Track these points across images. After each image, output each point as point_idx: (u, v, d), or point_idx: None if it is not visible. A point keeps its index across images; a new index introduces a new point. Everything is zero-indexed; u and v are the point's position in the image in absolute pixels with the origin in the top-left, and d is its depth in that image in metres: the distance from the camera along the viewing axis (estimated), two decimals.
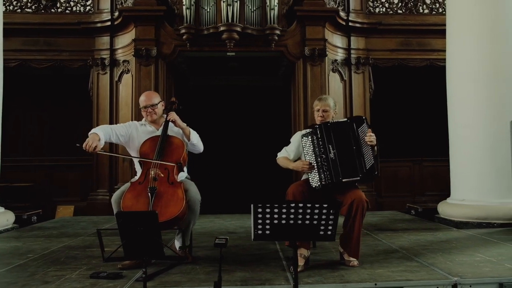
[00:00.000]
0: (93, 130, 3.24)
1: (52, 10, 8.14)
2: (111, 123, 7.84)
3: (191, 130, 3.49)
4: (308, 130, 3.38)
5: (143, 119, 3.58)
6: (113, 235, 4.42)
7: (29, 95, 9.25)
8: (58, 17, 8.05)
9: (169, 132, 3.39)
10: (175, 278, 2.79)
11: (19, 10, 8.10)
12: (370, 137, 3.22)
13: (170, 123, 3.43)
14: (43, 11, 8.09)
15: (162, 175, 3.15)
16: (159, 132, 3.43)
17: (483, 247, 3.85)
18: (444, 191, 5.98)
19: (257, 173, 9.54)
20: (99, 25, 7.89)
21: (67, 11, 8.16)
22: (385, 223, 5.62)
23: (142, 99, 3.49)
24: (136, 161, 3.44)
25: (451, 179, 5.70)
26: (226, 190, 8.87)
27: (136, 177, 3.38)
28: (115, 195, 3.20)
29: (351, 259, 3.17)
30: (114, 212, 3.13)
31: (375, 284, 2.69)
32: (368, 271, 2.99)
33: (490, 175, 5.17)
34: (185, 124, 3.48)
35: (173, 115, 3.40)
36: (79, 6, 8.19)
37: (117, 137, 3.38)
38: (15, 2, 8.07)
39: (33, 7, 8.13)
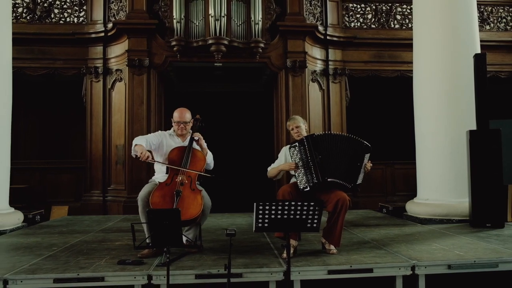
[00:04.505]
0: (136, 142, 3.78)
1: (47, 21, 8.51)
2: (104, 128, 8.34)
3: (208, 151, 4.08)
4: (294, 143, 3.94)
5: (172, 129, 4.13)
6: (119, 232, 5.01)
7: (21, 100, 9.58)
8: (52, 27, 8.42)
9: (193, 146, 3.98)
10: (188, 264, 3.38)
11: (14, 20, 8.41)
12: (370, 166, 3.96)
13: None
14: (38, 21, 8.46)
15: (186, 181, 3.76)
16: (184, 144, 4.02)
17: (440, 239, 4.52)
18: (414, 192, 6.53)
19: (241, 175, 10.12)
20: (93, 35, 8.31)
21: (61, 22, 8.53)
22: (359, 220, 6.23)
23: (177, 115, 4.02)
24: (160, 163, 3.99)
25: (417, 181, 6.33)
26: (214, 191, 9.39)
27: (156, 176, 3.93)
28: (142, 195, 3.74)
29: (331, 247, 3.78)
30: (139, 209, 3.72)
31: (351, 266, 3.35)
32: (345, 257, 3.63)
33: (450, 177, 5.83)
34: (206, 145, 4.07)
35: (198, 135, 3.98)
36: (73, 17, 8.58)
37: (150, 145, 3.91)
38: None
39: (28, 18, 8.52)
